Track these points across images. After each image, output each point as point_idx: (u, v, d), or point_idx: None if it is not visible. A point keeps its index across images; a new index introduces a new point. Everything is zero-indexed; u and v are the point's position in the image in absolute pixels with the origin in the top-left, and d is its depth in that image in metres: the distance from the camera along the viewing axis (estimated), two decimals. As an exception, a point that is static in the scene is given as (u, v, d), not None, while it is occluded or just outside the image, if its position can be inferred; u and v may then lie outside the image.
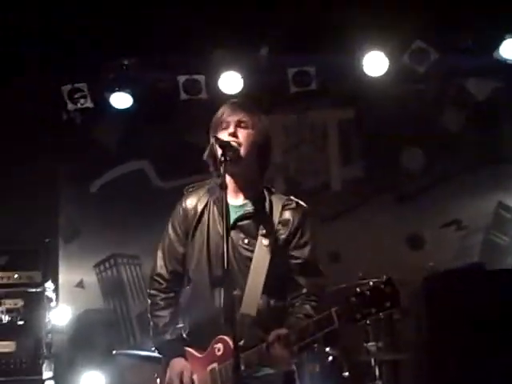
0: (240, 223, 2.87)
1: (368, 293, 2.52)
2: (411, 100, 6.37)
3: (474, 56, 6.04)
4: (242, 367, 2.59)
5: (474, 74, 6.37)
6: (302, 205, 2.97)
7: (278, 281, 2.86)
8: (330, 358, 4.72)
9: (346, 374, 4.74)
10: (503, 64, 5.91)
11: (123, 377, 5.02)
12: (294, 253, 2.89)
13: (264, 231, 2.84)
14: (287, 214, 2.89)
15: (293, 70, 6.15)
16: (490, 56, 5.92)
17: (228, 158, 2.75)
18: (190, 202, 2.99)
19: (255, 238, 2.85)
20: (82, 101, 6.19)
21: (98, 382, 5.42)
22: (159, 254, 3.05)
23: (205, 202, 2.97)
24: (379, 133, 6.39)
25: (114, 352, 5.06)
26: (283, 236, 2.87)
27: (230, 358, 2.61)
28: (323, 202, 6.31)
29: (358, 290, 2.54)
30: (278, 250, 2.85)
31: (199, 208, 2.95)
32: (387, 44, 5.93)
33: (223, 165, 2.72)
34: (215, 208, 2.91)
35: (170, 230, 3.02)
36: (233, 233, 2.83)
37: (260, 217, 2.88)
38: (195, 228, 2.94)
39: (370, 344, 4.87)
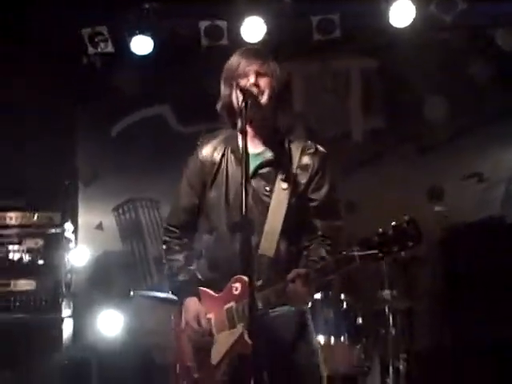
0: (260, 171, 2.88)
1: (390, 231, 2.53)
2: (437, 50, 6.24)
3: (502, 5, 5.88)
4: (259, 305, 2.66)
5: (502, 24, 6.19)
6: (321, 149, 2.97)
7: (296, 224, 2.88)
8: (345, 304, 4.74)
9: (360, 321, 4.76)
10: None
11: (140, 316, 5.10)
12: (312, 195, 2.90)
13: (283, 176, 2.85)
14: (307, 159, 2.91)
15: (316, 18, 6.03)
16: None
17: (249, 105, 2.73)
18: (207, 152, 2.99)
19: (275, 184, 2.86)
20: (102, 45, 6.16)
21: (116, 320, 5.53)
22: (173, 203, 3.09)
23: (222, 151, 2.96)
24: (403, 82, 6.28)
25: (131, 293, 5.13)
26: (303, 180, 2.89)
27: (247, 297, 2.62)
28: (343, 151, 6.25)
29: (380, 229, 2.55)
30: (297, 194, 2.86)
31: (217, 157, 2.95)
32: (414, -8, 5.79)
33: (245, 111, 2.70)
34: (233, 156, 2.92)
35: (185, 182, 3.04)
36: (254, 181, 2.85)
37: (279, 163, 2.89)
38: (214, 178, 2.94)
39: (384, 292, 4.88)
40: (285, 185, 2.85)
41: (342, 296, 4.79)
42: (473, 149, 6.13)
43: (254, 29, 6.00)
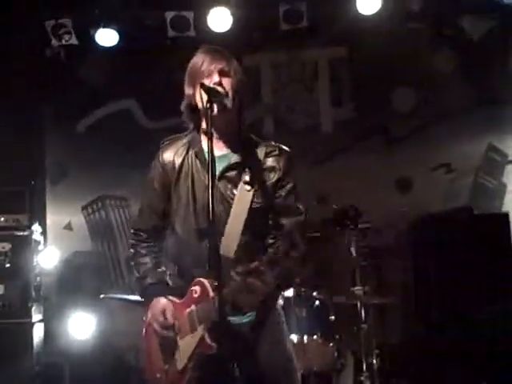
0: (227, 174, 2.84)
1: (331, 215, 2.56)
2: (405, 39, 6.21)
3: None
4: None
5: (470, 12, 6.19)
6: (285, 149, 2.94)
7: (258, 224, 2.85)
8: (317, 302, 4.76)
9: (332, 317, 4.79)
10: (499, 3, 5.75)
11: (112, 319, 5.09)
12: (277, 194, 2.88)
13: (246, 178, 2.82)
14: (271, 161, 2.88)
15: (283, 7, 5.97)
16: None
17: (214, 105, 2.69)
18: (168, 156, 2.93)
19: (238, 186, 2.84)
20: (66, 37, 6.03)
21: (88, 323, 5.49)
22: (139, 208, 3.05)
23: (183, 154, 2.92)
24: (371, 72, 6.25)
25: (101, 296, 5.10)
26: (269, 182, 2.86)
27: (205, 299, 2.66)
28: (313, 143, 6.27)
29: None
30: (262, 196, 2.84)
31: (177, 161, 2.91)
32: (381, -20, 5.75)
33: (209, 111, 2.66)
34: (197, 160, 2.87)
35: (149, 186, 3.00)
36: (220, 184, 2.82)
37: (245, 165, 2.86)
38: (176, 182, 2.90)
39: (356, 288, 4.91)
40: (248, 187, 2.82)
41: (314, 293, 4.80)
42: (440, 139, 6.16)
43: (220, 19, 5.93)
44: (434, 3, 5.91)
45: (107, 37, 6.01)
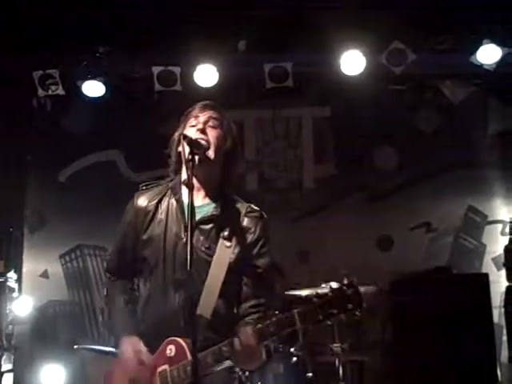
0: (201, 226, 2.82)
1: (330, 294, 2.50)
2: (387, 100, 6.36)
3: (451, 59, 6.03)
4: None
5: (450, 76, 6.37)
6: (263, 215, 2.94)
7: (235, 287, 2.83)
8: (295, 358, 4.67)
9: (310, 374, 4.69)
10: (480, 68, 5.91)
11: (84, 370, 4.95)
12: (256, 262, 2.86)
13: (226, 235, 2.81)
14: (250, 222, 2.87)
15: (269, 66, 6.09)
16: (466, 60, 5.90)
17: (196, 158, 2.69)
18: (142, 201, 2.93)
19: (215, 242, 2.81)
20: (53, 87, 6.08)
21: (58, 375, 5.34)
22: (112, 250, 3.05)
23: (157, 200, 2.90)
24: (354, 131, 6.37)
25: (75, 347, 4.97)
26: (245, 243, 2.84)
27: (182, 360, 2.59)
28: (295, 199, 6.32)
29: (319, 291, 2.52)
30: (238, 256, 2.82)
31: (151, 207, 2.89)
32: (365, 43, 5.89)
33: (190, 164, 2.66)
34: (174, 207, 2.85)
35: (121, 228, 2.98)
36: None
37: (222, 220, 2.84)
38: (147, 227, 2.88)
39: (334, 345, 4.84)
40: (228, 244, 2.80)
41: (292, 349, 4.71)
42: (421, 199, 6.23)
43: (207, 75, 6.02)
44: (414, 67, 6.02)
45: (94, 88, 6.07)
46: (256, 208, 2.94)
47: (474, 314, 5.34)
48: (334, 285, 2.52)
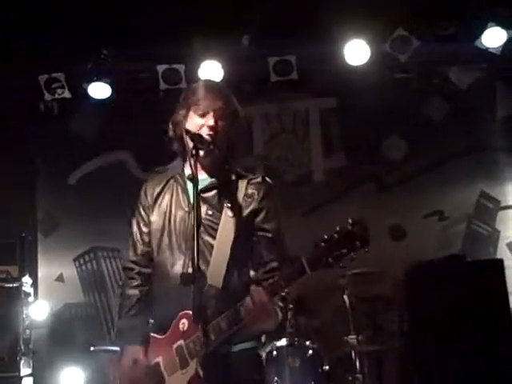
0: (204, 195, 2.83)
1: (336, 235, 2.51)
2: (393, 89, 6.30)
3: (456, 44, 5.99)
4: (212, 337, 2.60)
5: (456, 62, 6.31)
6: (266, 180, 2.95)
7: (244, 253, 2.84)
8: (310, 351, 4.67)
9: (327, 367, 4.70)
10: (485, 53, 5.86)
11: (103, 373, 4.96)
12: (264, 225, 2.87)
13: (229, 204, 2.82)
14: (252, 188, 2.89)
15: (273, 59, 6.08)
16: (472, 44, 5.86)
17: (200, 152, 2.71)
18: (151, 185, 3.01)
19: (220, 210, 2.83)
20: (59, 91, 6.11)
21: (78, 378, 5.38)
22: (129, 244, 3.04)
23: (164, 181, 2.97)
24: (361, 122, 6.31)
25: (92, 349, 5.00)
26: (249, 208, 2.86)
27: (196, 332, 2.59)
28: (305, 192, 6.29)
29: (325, 236, 2.53)
30: (244, 223, 2.83)
31: (157, 189, 2.96)
32: (368, 32, 5.87)
33: (194, 157, 2.68)
34: (177, 184, 2.91)
35: (136, 215, 3.03)
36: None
37: (225, 189, 2.87)
38: (154, 204, 2.94)
39: (350, 337, 4.84)
40: (231, 213, 2.81)
41: (308, 342, 4.72)
42: (432, 187, 6.18)
43: (211, 72, 6.01)
44: (420, 54, 5.99)
45: (100, 90, 6.09)
46: (259, 175, 2.96)
47: (490, 301, 5.30)
48: (338, 227, 2.53)
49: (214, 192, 2.85)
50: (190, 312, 2.61)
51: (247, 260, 2.87)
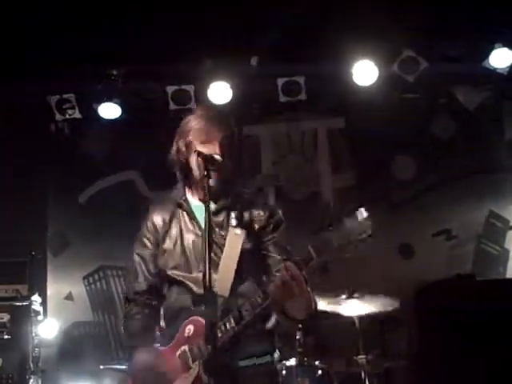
0: (214, 218, 2.86)
1: (343, 224, 2.59)
2: (401, 108, 6.33)
3: (463, 65, 6.03)
4: (219, 334, 2.61)
5: (464, 82, 6.35)
6: (270, 204, 3.10)
7: (252, 265, 2.88)
8: (320, 371, 4.65)
9: (336, 387, 4.68)
10: (493, 73, 5.90)
11: (111, 391, 4.96)
12: (273, 234, 2.93)
13: (233, 223, 2.87)
14: (259, 208, 2.95)
15: (282, 80, 6.13)
16: (479, 65, 5.91)
17: (211, 174, 2.74)
18: (158, 215, 3.01)
19: (227, 229, 2.88)
20: (70, 111, 6.19)
21: (86, 396, 5.37)
22: (131, 274, 3.04)
23: (171, 209, 2.98)
24: (370, 141, 6.34)
25: (101, 367, 5.00)
26: (256, 226, 2.91)
27: (201, 335, 2.62)
28: (314, 212, 6.29)
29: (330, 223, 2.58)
30: (250, 239, 2.87)
31: (167, 217, 2.97)
32: (376, 53, 5.93)
33: (206, 180, 2.70)
34: (184, 211, 2.94)
35: (140, 246, 3.04)
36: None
37: (230, 210, 2.91)
38: (164, 236, 2.95)
39: (359, 356, 4.82)
40: (237, 231, 2.86)
41: (317, 362, 4.70)
42: (440, 206, 6.19)
43: (220, 92, 6.07)
44: (428, 75, 6.03)
45: (110, 110, 6.16)
46: (264, 198, 3.11)
47: (502, 321, 5.26)
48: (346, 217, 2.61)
49: (223, 214, 2.91)
50: (199, 318, 2.68)
51: (256, 270, 2.91)
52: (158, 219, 2.99)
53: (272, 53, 5.91)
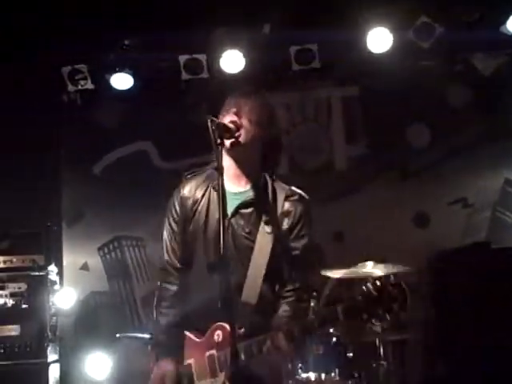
0: (242, 211, 2.85)
1: (375, 293, 2.49)
2: (416, 76, 6.25)
3: (479, 31, 5.92)
4: (242, 356, 2.62)
5: (480, 49, 6.25)
6: (304, 197, 2.95)
7: (278, 270, 2.86)
8: (334, 339, 4.67)
9: (351, 354, 4.69)
10: (509, 39, 5.80)
11: (129, 359, 5.03)
12: (293, 244, 2.88)
13: (267, 219, 2.83)
14: (290, 205, 2.88)
15: (295, 48, 6.06)
16: (496, 30, 5.81)
17: (225, 141, 2.71)
18: (189, 190, 2.95)
19: (256, 226, 2.83)
20: (82, 82, 6.16)
21: (104, 364, 5.44)
22: (164, 245, 3.01)
23: (204, 188, 2.93)
24: (384, 110, 6.28)
25: (117, 335, 5.06)
26: (285, 226, 2.87)
27: (228, 345, 2.58)
28: (327, 181, 6.27)
29: (364, 288, 2.51)
30: (279, 240, 2.84)
31: (198, 195, 2.92)
32: (391, 20, 5.83)
33: (218, 147, 2.66)
34: (215, 194, 2.86)
35: (170, 220, 2.98)
36: (233, 220, 2.83)
37: (262, 205, 2.86)
38: (193, 215, 2.90)
39: (374, 324, 4.81)
40: (269, 229, 2.81)
41: (331, 330, 4.71)
42: (456, 174, 6.15)
43: (233, 61, 6.02)
44: (443, 41, 5.94)
45: (122, 80, 6.13)
46: (297, 191, 2.94)
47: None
48: (379, 283, 2.50)
49: (251, 209, 2.85)
50: (225, 325, 2.65)
51: (281, 276, 2.89)
52: (189, 196, 2.92)
53: (285, 21, 5.82)
